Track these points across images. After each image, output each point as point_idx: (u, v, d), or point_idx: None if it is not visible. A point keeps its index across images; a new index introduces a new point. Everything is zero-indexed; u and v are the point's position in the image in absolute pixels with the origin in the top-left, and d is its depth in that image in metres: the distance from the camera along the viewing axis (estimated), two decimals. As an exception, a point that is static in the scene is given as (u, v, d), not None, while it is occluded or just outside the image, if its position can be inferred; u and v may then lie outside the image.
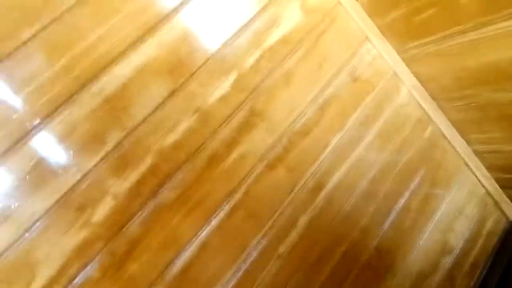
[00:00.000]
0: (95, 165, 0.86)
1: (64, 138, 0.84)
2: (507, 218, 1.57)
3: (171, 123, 0.95)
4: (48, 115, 0.83)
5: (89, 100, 0.86)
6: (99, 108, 0.87)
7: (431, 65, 1.25)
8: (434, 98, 1.37)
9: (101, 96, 0.87)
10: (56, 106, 0.84)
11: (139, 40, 0.94)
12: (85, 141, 0.86)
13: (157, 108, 0.93)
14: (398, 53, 1.30)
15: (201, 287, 1.00)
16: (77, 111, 0.85)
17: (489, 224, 1.53)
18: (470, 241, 1.48)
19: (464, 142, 1.45)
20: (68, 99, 0.85)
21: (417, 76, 1.34)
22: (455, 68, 1.18)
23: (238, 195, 1.06)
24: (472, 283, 1.45)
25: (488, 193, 1.52)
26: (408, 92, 1.35)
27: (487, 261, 1.50)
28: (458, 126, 1.41)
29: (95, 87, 0.87)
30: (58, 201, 0.83)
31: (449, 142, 1.44)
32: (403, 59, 1.31)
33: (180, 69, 0.97)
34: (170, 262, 0.95)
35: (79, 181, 0.85)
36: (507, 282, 1.42)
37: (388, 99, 1.32)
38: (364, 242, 1.26)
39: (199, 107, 0.99)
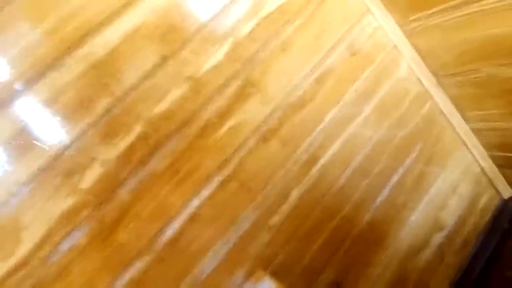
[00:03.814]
0: (83, 132, 0.84)
1: (50, 103, 0.81)
2: (500, 196, 1.57)
3: (161, 91, 0.92)
4: (33, 79, 0.80)
5: (76, 65, 0.83)
6: (86, 73, 0.84)
7: (432, 38, 1.21)
8: (433, 73, 1.34)
9: (88, 60, 0.84)
10: (41, 69, 0.81)
11: (129, 3, 0.89)
12: (72, 107, 0.83)
13: (147, 75, 0.90)
14: (400, 25, 1.26)
15: (190, 258, 1.00)
16: (64, 75, 0.82)
17: (482, 202, 1.53)
18: (462, 218, 1.48)
19: (462, 119, 1.43)
20: (53, 63, 0.81)
21: (418, 50, 1.30)
22: (457, 42, 1.15)
23: (230, 167, 1.04)
24: (462, 260, 1.46)
25: (483, 171, 1.52)
26: (408, 67, 1.32)
27: (478, 238, 1.51)
28: (457, 102, 1.38)
29: (82, 51, 0.83)
30: (44, 166, 0.81)
31: (447, 119, 1.42)
32: (405, 32, 1.27)
33: (172, 35, 0.93)
34: (159, 232, 0.95)
35: (66, 147, 0.83)
36: (497, 260, 1.43)
37: (387, 73, 1.29)
38: (356, 216, 1.25)
39: (192, 75, 0.96)
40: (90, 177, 0.86)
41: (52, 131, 0.82)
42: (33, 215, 0.82)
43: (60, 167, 0.83)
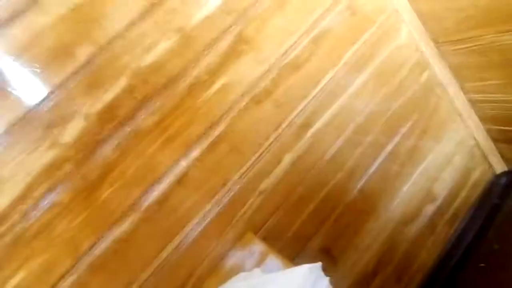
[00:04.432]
0: (64, 81, 0.79)
1: (27, 48, 0.75)
2: (493, 170, 1.56)
3: (149, 42, 0.86)
4: (8, 21, 0.74)
5: (55, 6, 0.76)
6: (68, 17, 0.77)
7: (435, 1, 1.16)
8: (434, 40, 1.29)
9: (68, 2, 0.77)
10: (17, 10, 0.74)
11: None
12: (51, 53, 0.77)
13: (133, 23, 0.84)
14: (402, -14, 1.21)
15: (178, 219, 0.97)
16: (42, 18, 0.76)
17: (475, 176, 1.53)
18: (454, 191, 1.48)
19: (460, 90, 1.40)
20: (30, 2, 0.75)
21: (420, 14, 1.25)
22: (461, 6, 1.10)
23: (220, 128, 1.00)
24: (452, 231, 1.47)
25: (477, 144, 1.50)
26: (408, 32, 1.27)
27: (469, 211, 1.51)
28: (456, 72, 1.35)
29: (61, -10, 0.77)
30: (23, 117, 0.77)
31: (445, 89, 1.39)
32: (406, -7, 1.22)
33: (161, -20, 0.87)
34: (146, 191, 0.92)
35: (46, 98, 0.78)
36: (487, 233, 1.44)
37: (387, 38, 1.25)
38: (348, 184, 1.24)
39: (182, 27, 0.90)
40: (72, 131, 0.81)
41: (30, 80, 0.77)
42: (12, 168, 0.78)
43: (40, 119, 0.78)
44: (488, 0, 1.03)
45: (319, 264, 0.79)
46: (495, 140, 1.51)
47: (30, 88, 0.77)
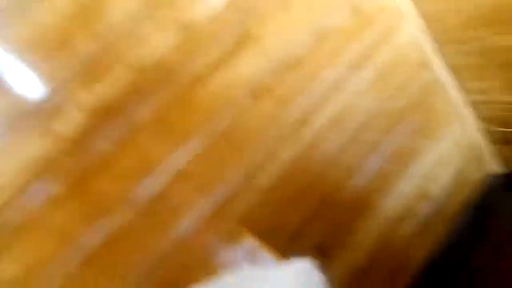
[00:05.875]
0: (63, 74, 0.78)
1: (28, 43, 0.75)
2: (488, 171, 1.57)
3: (150, 36, 0.86)
4: (10, 16, 0.73)
5: (58, 1, 0.76)
6: (68, 10, 0.77)
7: (439, 1, 1.15)
8: (437, 40, 1.29)
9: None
10: (19, 5, 0.74)
11: None
12: (51, 46, 0.77)
13: (134, 16, 0.83)
14: (406, -15, 1.20)
15: (173, 213, 0.98)
16: (45, 13, 0.75)
17: (470, 176, 1.54)
18: (449, 191, 1.49)
19: (461, 90, 1.40)
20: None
21: (423, 13, 1.24)
22: (464, 6, 1.09)
23: (219, 123, 1.00)
24: (446, 231, 1.47)
25: (475, 145, 1.51)
26: (410, 32, 1.27)
27: (464, 211, 1.52)
28: (458, 72, 1.35)
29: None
30: (20, 110, 0.77)
31: (445, 90, 1.39)
32: (411, -7, 1.21)
33: (164, -25, 0.86)
34: (141, 185, 0.92)
35: (44, 91, 0.78)
36: (482, 234, 1.45)
37: (389, 37, 1.24)
38: (345, 182, 1.24)
39: (185, 21, 0.89)
40: (69, 124, 0.81)
41: (29, 72, 0.77)
42: (9, 160, 0.78)
43: (38, 111, 0.78)
44: (491, 2, 1.02)
45: (311, 260, 0.79)
46: (493, 141, 1.52)
47: (29, 82, 0.77)
